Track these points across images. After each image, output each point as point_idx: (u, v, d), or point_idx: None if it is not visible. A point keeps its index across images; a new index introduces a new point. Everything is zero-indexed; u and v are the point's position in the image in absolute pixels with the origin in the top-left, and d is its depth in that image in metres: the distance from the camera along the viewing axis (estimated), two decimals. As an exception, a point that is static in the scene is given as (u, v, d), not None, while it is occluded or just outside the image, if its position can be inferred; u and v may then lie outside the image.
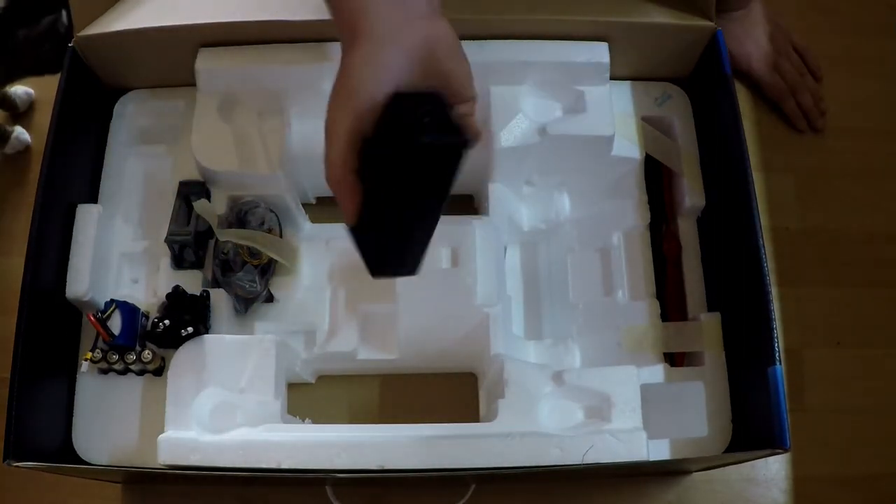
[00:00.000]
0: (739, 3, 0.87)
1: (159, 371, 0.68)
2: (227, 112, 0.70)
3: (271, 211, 0.70)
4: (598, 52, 0.71)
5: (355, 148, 0.48)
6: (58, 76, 0.68)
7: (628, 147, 0.73)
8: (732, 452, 0.66)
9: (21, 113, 0.86)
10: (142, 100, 0.76)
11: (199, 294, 0.67)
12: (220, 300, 0.68)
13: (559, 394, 0.63)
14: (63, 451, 0.66)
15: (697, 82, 0.76)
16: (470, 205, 0.79)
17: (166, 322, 0.65)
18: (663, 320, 0.72)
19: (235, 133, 0.69)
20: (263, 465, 0.59)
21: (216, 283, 0.69)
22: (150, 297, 0.70)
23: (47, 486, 0.73)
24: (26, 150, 0.85)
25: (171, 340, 0.65)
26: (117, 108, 0.76)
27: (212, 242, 0.71)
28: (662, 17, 0.70)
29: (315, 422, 0.70)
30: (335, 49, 0.69)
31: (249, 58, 0.69)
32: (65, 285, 0.66)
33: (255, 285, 0.68)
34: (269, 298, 0.71)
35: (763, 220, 0.67)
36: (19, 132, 0.84)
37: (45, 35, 0.70)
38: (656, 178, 0.76)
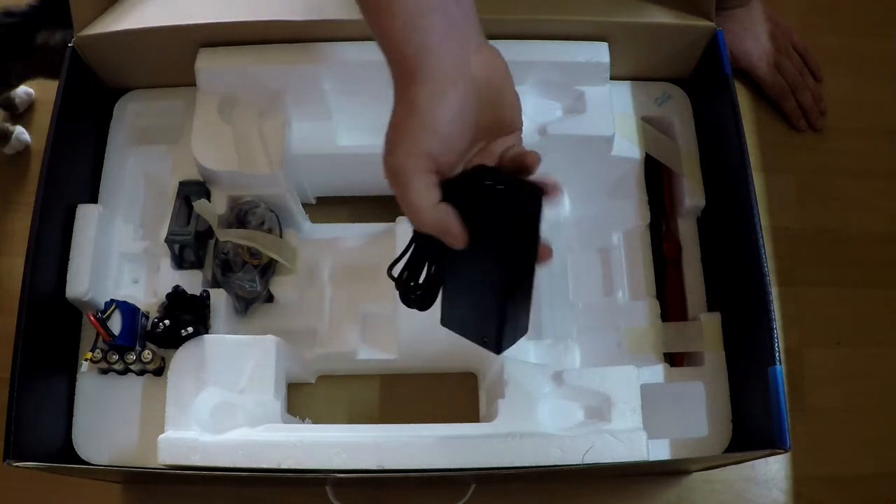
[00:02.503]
0: (740, 0, 0.87)
1: (159, 371, 0.68)
2: (227, 112, 0.70)
3: (271, 211, 0.70)
4: (598, 52, 0.71)
5: (437, 186, 0.48)
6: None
7: (628, 147, 0.73)
8: (732, 452, 0.66)
9: (21, 113, 0.86)
10: (142, 100, 0.76)
11: (199, 294, 0.67)
12: (220, 300, 0.68)
13: (559, 394, 0.63)
14: (63, 451, 0.66)
15: (697, 82, 0.76)
16: (470, 205, 0.79)
17: (166, 322, 0.65)
18: (663, 320, 0.72)
19: (235, 133, 0.69)
20: (263, 465, 0.59)
21: (216, 283, 0.69)
22: (150, 297, 0.70)
23: (47, 485, 0.73)
24: (26, 150, 0.85)
25: (171, 340, 0.65)
26: (117, 108, 0.76)
27: (212, 242, 0.71)
28: (662, 17, 0.70)
29: (315, 422, 0.70)
30: (335, 49, 0.69)
31: (249, 58, 0.69)
32: (65, 285, 0.66)
33: (255, 285, 0.68)
34: (269, 298, 0.71)
35: (763, 220, 0.67)
36: (19, 132, 0.83)
37: (60, 47, 0.70)
38: (656, 178, 0.76)
